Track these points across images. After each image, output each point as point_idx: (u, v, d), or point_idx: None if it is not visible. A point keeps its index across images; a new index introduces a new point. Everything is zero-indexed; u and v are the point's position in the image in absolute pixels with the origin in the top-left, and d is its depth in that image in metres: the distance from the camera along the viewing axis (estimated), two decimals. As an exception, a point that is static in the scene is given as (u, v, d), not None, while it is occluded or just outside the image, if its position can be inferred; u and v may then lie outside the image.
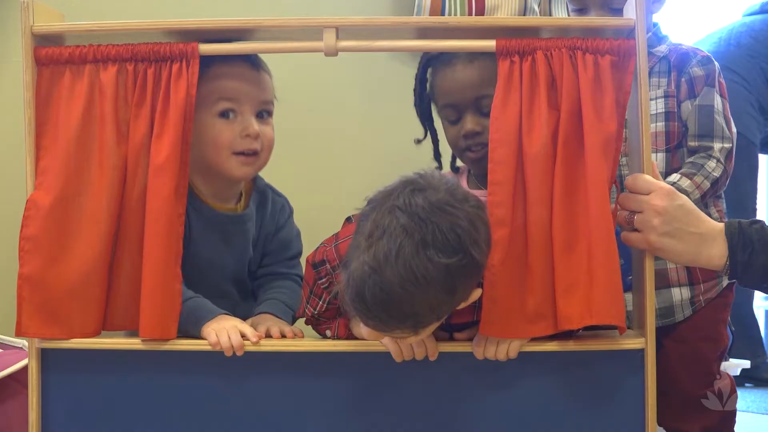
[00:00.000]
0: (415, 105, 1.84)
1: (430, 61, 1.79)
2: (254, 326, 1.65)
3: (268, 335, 1.64)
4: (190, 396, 1.58)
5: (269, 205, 1.86)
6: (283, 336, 1.64)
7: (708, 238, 1.50)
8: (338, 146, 2.47)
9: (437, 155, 1.87)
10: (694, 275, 1.91)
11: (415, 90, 1.83)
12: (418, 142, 1.87)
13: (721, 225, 1.52)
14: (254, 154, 1.70)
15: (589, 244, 1.48)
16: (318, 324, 1.65)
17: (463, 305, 1.43)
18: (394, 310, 1.32)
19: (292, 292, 1.82)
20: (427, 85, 1.81)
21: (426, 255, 1.30)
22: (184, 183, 1.58)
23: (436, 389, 1.56)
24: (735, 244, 1.50)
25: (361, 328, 1.49)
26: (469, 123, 1.70)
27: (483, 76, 1.68)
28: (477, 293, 1.43)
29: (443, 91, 1.74)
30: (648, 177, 1.52)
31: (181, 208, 1.58)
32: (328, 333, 1.63)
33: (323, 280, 1.56)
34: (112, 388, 1.59)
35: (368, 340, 1.51)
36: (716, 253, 1.51)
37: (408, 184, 1.38)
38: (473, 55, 1.69)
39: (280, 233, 1.88)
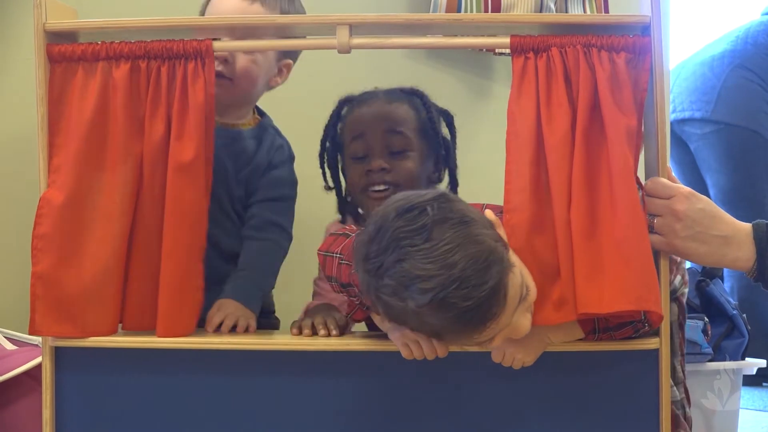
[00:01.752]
0: (321, 155, 1.85)
1: (345, 102, 1.84)
2: (216, 311, 1.68)
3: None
4: (204, 395, 1.57)
5: (267, 141, 1.86)
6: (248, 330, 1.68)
7: (733, 241, 1.49)
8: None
9: (342, 207, 1.87)
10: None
11: (326, 133, 1.84)
12: (328, 189, 1.88)
13: (749, 226, 1.50)
14: (220, 76, 1.72)
15: (616, 231, 1.45)
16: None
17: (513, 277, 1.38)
18: (477, 304, 1.29)
19: (267, 263, 1.82)
20: (338, 128, 1.84)
21: (445, 243, 1.28)
22: (209, 179, 1.59)
23: (450, 388, 1.56)
24: (764, 247, 1.48)
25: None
26: (377, 160, 1.75)
27: (398, 114, 1.77)
28: (512, 257, 1.39)
29: (355, 123, 1.79)
30: (666, 181, 1.51)
31: (206, 205, 1.59)
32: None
33: (355, 298, 1.54)
34: (126, 386, 1.59)
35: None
36: (743, 255, 1.50)
37: (366, 230, 1.37)
38: (391, 97, 1.79)
39: (272, 171, 1.86)
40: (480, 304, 1.30)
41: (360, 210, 1.85)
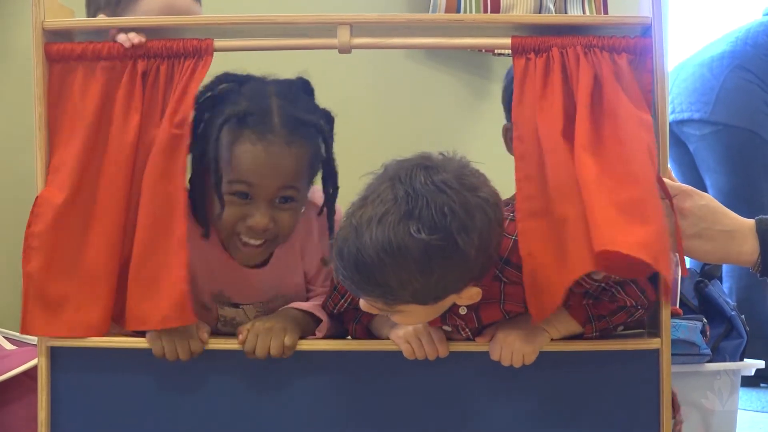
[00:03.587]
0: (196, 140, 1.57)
1: (226, 114, 1.56)
2: None
3: None
4: (201, 395, 1.57)
5: None
6: None
7: (737, 235, 1.50)
8: (350, 145, 2.46)
9: (195, 212, 1.63)
10: None
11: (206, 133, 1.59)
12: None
13: (752, 221, 1.51)
14: None
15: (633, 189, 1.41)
16: (340, 318, 1.63)
17: (457, 300, 1.41)
18: (364, 274, 1.32)
19: None
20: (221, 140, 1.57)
21: (407, 227, 1.29)
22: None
23: (450, 388, 1.55)
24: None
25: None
26: (262, 216, 1.56)
27: (298, 164, 1.57)
28: (474, 292, 1.41)
29: (243, 167, 1.54)
30: (667, 180, 1.51)
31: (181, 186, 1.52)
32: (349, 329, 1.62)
33: (346, 293, 1.55)
34: (123, 387, 1.58)
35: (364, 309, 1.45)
36: (747, 249, 1.50)
37: (421, 160, 1.37)
38: (291, 138, 1.55)
39: None
40: (391, 274, 1.31)
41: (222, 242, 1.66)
